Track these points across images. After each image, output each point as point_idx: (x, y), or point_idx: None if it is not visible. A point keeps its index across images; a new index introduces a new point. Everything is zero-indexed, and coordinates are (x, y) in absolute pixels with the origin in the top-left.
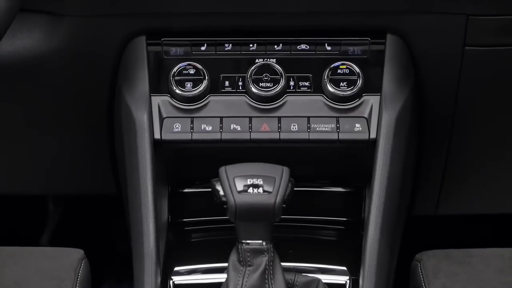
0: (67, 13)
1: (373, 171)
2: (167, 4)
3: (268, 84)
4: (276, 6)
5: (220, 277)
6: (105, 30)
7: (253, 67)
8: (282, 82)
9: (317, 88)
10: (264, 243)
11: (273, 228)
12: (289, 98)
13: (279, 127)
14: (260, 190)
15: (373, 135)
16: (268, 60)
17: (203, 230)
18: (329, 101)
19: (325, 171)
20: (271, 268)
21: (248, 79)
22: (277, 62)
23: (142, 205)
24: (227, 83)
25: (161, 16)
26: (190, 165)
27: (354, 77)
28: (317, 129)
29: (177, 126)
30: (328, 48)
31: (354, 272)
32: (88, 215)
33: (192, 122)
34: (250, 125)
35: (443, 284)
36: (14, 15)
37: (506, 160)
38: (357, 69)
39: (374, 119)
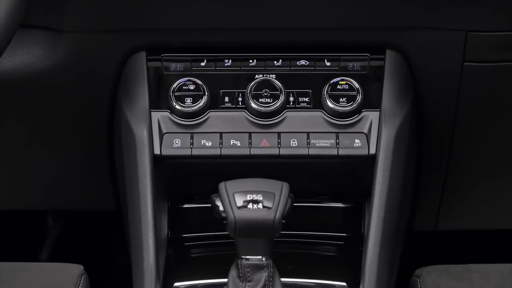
0: (67, 29)
1: (373, 186)
2: (167, 20)
3: (268, 100)
4: (275, 22)
5: None
6: (105, 46)
7: (252, 83)
8: (282, 98)
9: (317, 104)
10: (263, 259)
11: (272, 244)
12: (288, 114)
13: (279, 143)
14: (260, 205)
15: (372, 150)
16: (268, 75)
17: (203, 245)
18: (329, 117)
19: (325, 186)
20: (270, 283)
21: (248, 95)
22: (277, 78)
23: (142, 220)
24: (227, 98)
25: (161, 32)
26: (189, 181)
27: (354, 93)
28: (317, 144)
29: (177, 141)
30: (328, 63)
31: None
32: (87, 231)
33: (192, 137)
34: (249, 140)
35: None
36: (15, 31)
37: (506, 176)
38: (357, 85)
39: (374, 134)
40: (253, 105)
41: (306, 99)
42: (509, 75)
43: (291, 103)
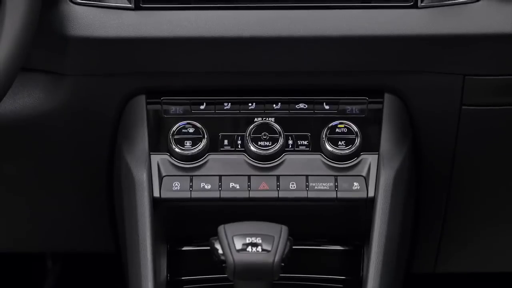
0: (67, 72)
1: (371, 229)
2: (167, 64)
3: (267, 143)
4: (274, 67)
5: None
6: (105, 89)
7: (252, 126)
8: (281, 141)
9: (316, 147)
10: None
11: (272, 287)
12: (287, 157)
13: (278, 186)
14: (259, 248)
15: (371, 193)
16: (267, 119)
17: None
18: (328, 160)
19: (324, 229)
20: None
21: (247, 138)
22: (276, 121)
23: (141, 263)
24: (226, 141)
25: (161, 76)
26: (189, 223)
27: (352, 136)
28: (316, 187)
29: (176, 184)
30: (326, 107)
31: None
32: (86, 273)
33: (191, 180)
34: (249, 183)
35: None
36: (16, 75)
37: (505, 219)
38: (355, 128)
39: (372, 177)
40: (252, 148)
41: (305, 142)
42: (507, 119)
43: (290, 146)
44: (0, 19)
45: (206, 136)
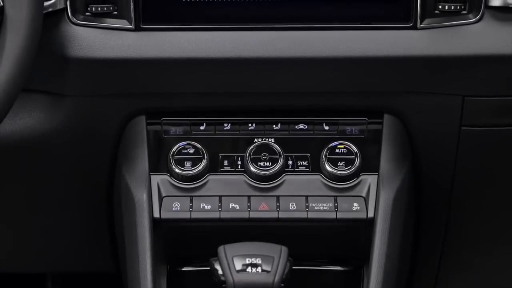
0: (67, 93)
1: (371, 250)
2: (167, 85)
3: (267, 164)
4: (274, 87)
5: None
6: (106, 110)
7: (251, 147)
8: (281, 162)
9: (315, 167)
10: None
11: None
12: (287, 177)
13: (278, 206)
14: (259, 269)
15: (371, 214)
16: (267, 139)
17: None
18: (327, 180)
19: (323, 249)
20: None
21: (247, 159)
22: (276, 142)
23: (141, 284)
24: (226, 162)
25: (161, 96)
26: (189, 244)
27: (352, 157)
28: (315, 208)
29: (176, 205)
30: (326, 127)
31: None
32: None
33: (191, 201)
34: (248, 204)
35: None
36: (16, 96)
37: (505, 239)
38: (355, 149)
39: (372, 198)
40: (252, 168)
41: (305, 163)
42: (506, 140)
43: (290, 167)
44: (1, 40)
45: (206, 157)
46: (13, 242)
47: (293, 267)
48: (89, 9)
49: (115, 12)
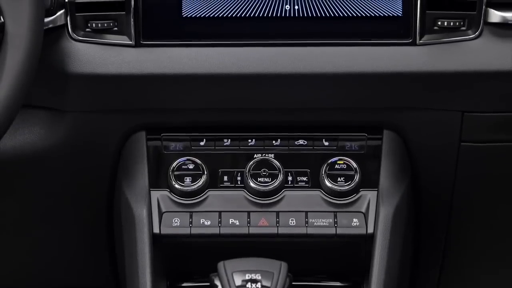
0: (67, 108)
1: (371, 265)
2: (167, 101)
3: (266, 179)
4: (274, 103)
5: None
6: (106, 125)
7: (251, 162)
8: (280, 177)
9: (315, 183)
10: None
11: None
12: (287, 193)
13: (277, 222)
14: (259, 285)
15: (370, 230)
16: (267, 155)
17: None
18: (327, 196)
19: (323, 265)
20: None
21: (247, 174)
22: (275, 157)
23: None
24: (226, 177)
25: (161, 112)
26: (189, 259)
27: (352, 172)
28: (315, 223)
29: (176, 220)
30: (326, 143)
31: None
32: None
33: (191, 216)
34: (248, 219)
35: None
36: (17, 112)
37: (504, 253)
38: (354, 164)
39: (372, 213)
40: (251, 184)
41: (304, 179)
42: (506, 156)
43: (290, 182)
44: (1, 56)
45: (206, 172)
46: (12, 258)
47: (293, 283)
48: (89, 25)
49: (115, 28)
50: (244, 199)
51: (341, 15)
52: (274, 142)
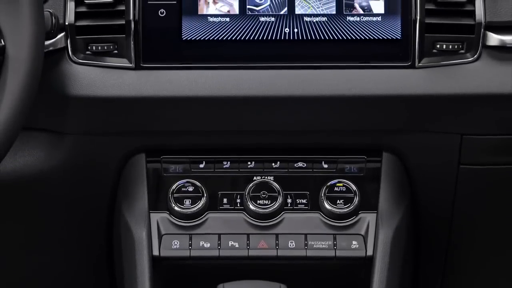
0: (67, 131)
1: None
2: (167, 123)
3: (266, 202)
4: (273, 125)
5: None
6: (106, 148)
7: (251, 185)
8: (280, 200)
9: (314, 205)
10: None
11: None
12: (286, 215)
13: (277, 244)
14: None
15: (370, 252)
16: (266, 177)
17: None
18: (326, 218)
19: (323, 287)
20: None
21: (246, 197)
22: (275, 180)
23: None
24: (225, 200)
25: (161, 135)
26: (188, 282)
27: (351, 195)
28: (314, 246)
29: (176, 243)
30: (325, 166)
31: None
32: None
33: (190, 239)
34: (248, 242)
35: None
36: (17, 135)
37: (504, 277)
38: (354, 187)
39: (371, 236)
40: (251, 207)
41: (304, 201)
42: (505, 178)
43: (289, 205)
44: (2, 79)
45: (205, 195)
46: (11, 282)
47: None
48: (89, 48)
49: (115, 51)
50: (244, 221)
51: (341, 38)
52: (273, 164)
